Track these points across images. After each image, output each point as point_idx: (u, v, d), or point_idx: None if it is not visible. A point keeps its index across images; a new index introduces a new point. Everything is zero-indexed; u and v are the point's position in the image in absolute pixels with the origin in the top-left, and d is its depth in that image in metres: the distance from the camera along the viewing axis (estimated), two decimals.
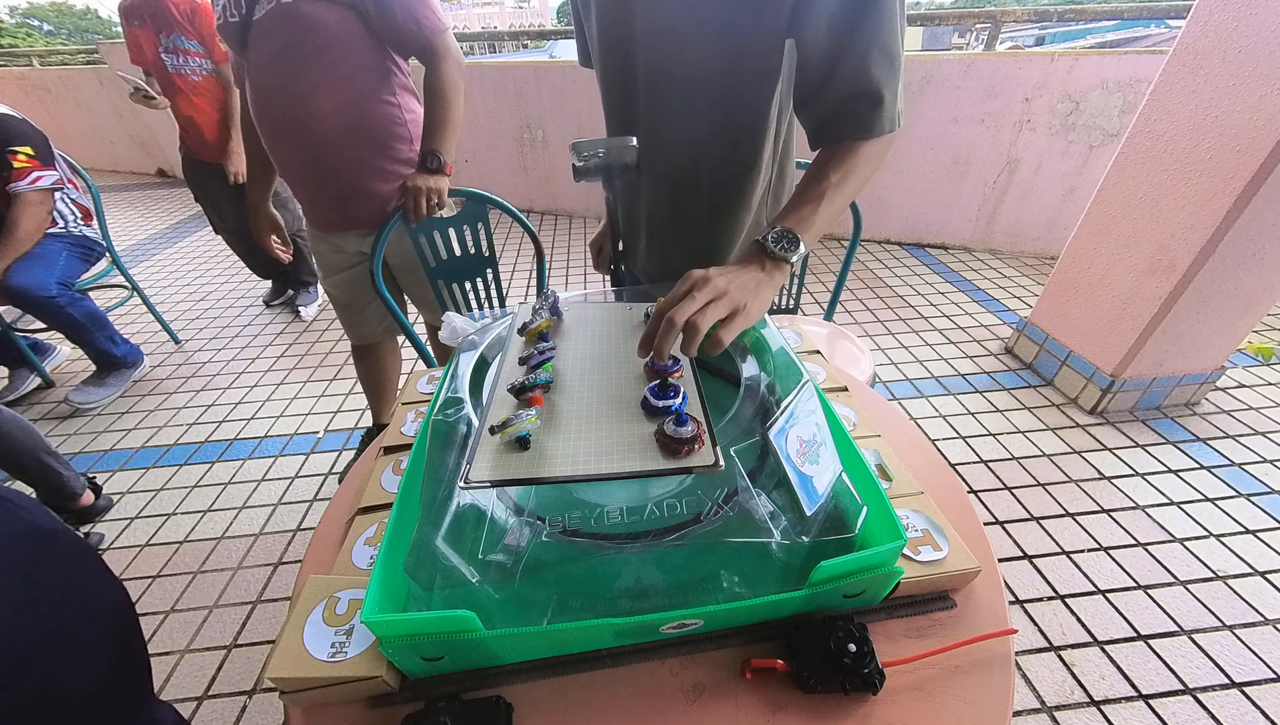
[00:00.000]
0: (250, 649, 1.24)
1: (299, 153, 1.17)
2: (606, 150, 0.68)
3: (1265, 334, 2.21)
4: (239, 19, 1.07)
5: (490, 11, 43.46)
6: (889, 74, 0.61)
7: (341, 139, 1.15)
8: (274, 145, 1.19)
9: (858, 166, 0.65)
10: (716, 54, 0.67)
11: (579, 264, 3.14)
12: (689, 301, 0.51)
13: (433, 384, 0.83)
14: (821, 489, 0.47)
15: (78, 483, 1.53)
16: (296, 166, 1.21)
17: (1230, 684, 1.10)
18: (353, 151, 1.17)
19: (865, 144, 0.65)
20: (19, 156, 1.69)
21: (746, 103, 0.71)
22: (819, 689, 0.45)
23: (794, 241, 0.60)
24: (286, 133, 1.15)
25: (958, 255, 3.01)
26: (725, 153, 0.75)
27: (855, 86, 0.62)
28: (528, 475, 0.44)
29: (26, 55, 5.36)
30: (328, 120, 1.13)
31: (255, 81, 1.12)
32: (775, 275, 0.59)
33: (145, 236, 3.78)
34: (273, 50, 1.07)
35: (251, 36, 1.08)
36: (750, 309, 0.54)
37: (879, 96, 0.62)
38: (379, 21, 1.09)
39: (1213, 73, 1.45)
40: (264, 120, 1.16)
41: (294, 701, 0.46)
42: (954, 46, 14.05)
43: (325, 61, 1.08)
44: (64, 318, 1.87)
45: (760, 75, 0.68)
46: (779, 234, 0.60)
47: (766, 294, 0.58)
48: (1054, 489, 1.55)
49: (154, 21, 2.00)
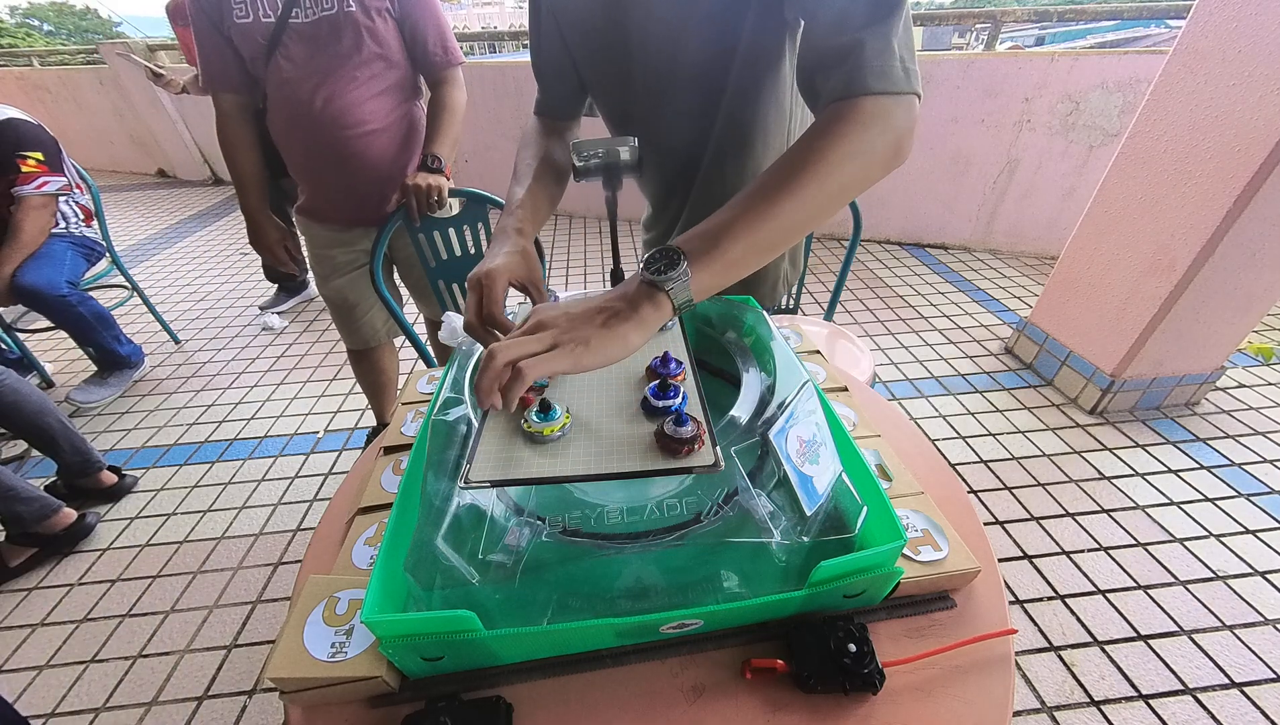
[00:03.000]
0: (250, 649, 1.24)
1: (336, 150, 1.22)
2: (606, 150, 0.68)
3: (1265, 334, 2.21)
4: (273, 19, 1.11)
5: (490, 11, 43.47)
6: (873, 13, 0.48)
7: (382, 139, 1.25)
8: (307, 144, 1.23)
9: (824, 158, 0.47)
10: (715, 53, 0.66)
11: (579, 264, 3.14)
12: (517, 344, 0.42)
13: (433, 384, 0.83)
14: (821, 489, 0.47)
15: (95, 454, 1.58)
16: (330, 164, 1.24)
17: (1230, 684, 1.10)
18: (391, 151, 1.27)
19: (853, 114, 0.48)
20: (28, 161, 1.71)
21: (747, 101, 0.70)
22: (819, 689, 0.45)
23: (673, 263, 0.45)
24: (326, 131, 1.20)
25: (958, 255, 3.01)
26: (726, 148, 0.74)
27: (831, 37, 0.50)
28: (527, 475, 0.44)
29: (26, 55, 5.35)
30: (372, 121, 1.22)
31: (288, 82, 1.16)
32: (642, 308, 0.45)
33: (145, 236, 3.78)
34: (314, 54, 1.13)
35: (286, 38, 1.12)
36: (573, 352, 0.43)
37: (857, 42, 0.48)
38: (411, 41, 1.22)
39: (1213, 73, 1.44)
40: (297, 119, 1.20)
41: (294, 701, 0.46)
42: (954, 46, 14.06)
43: (377, 69, 1.19)
44: (74, 316, 1.88)
45: (761, 72, 0.67)
46: (661, 252, 0.46)
47: (615, 336, 0.44)
48: (1054, 489, 1.55)
49: None
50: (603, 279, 2.93)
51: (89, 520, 1.51)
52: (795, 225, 0.48)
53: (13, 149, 1.69)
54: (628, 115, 0.78)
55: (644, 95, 0.73)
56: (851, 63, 0.48)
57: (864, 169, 0.49)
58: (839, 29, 0.49)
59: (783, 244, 0.49)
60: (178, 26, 2.05)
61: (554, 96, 0.83)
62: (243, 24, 1.11)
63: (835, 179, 0.48)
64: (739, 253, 0.47)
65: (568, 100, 0.83)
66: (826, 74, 0.51)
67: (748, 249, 0.47)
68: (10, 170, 1.69)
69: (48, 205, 1.79)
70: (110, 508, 1.62)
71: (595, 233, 3.53)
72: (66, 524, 1.45)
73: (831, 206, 0.49)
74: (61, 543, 1.46)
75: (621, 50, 0.71)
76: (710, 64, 0.67)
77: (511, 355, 0.41)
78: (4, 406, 1.42)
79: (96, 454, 1.58)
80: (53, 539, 1.44)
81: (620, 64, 0.72)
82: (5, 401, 1.41)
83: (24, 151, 1.70)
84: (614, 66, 0.74)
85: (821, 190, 0.48)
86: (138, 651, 1.25)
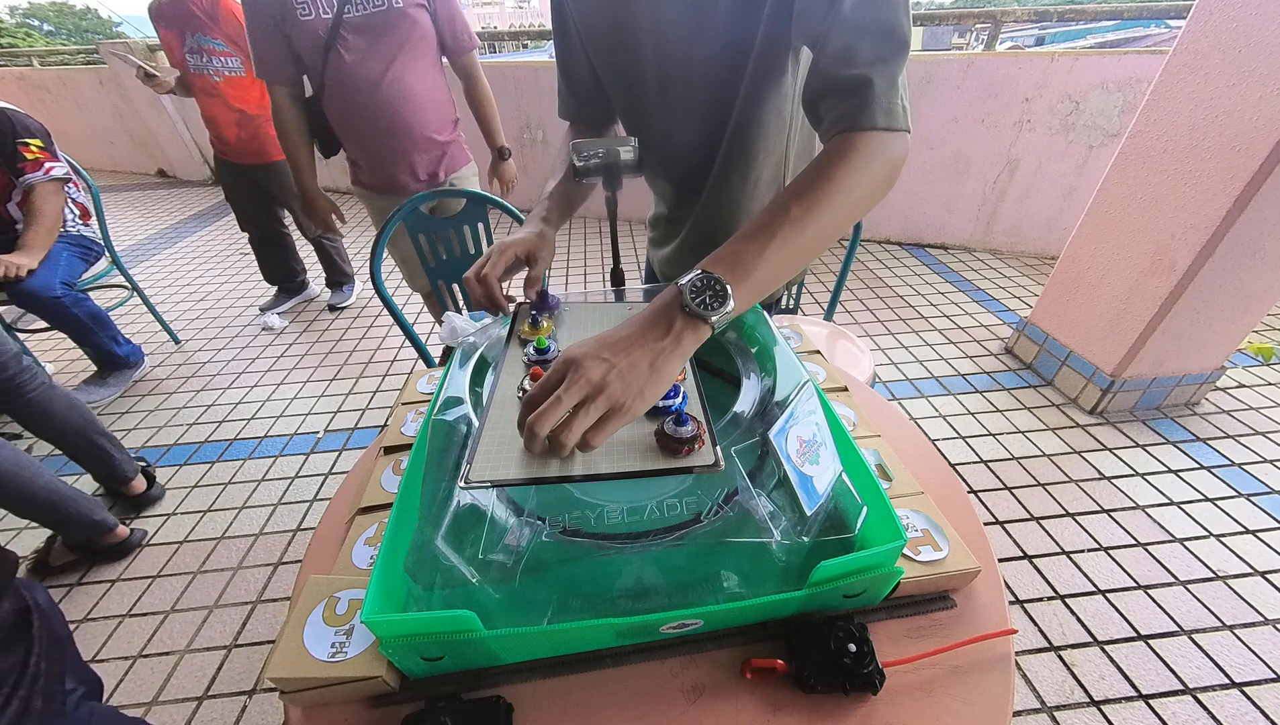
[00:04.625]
0: (250, 649, 1.24)
1: (399, 124, 1.44)
2: (606, 150, 0.68)
3: (1265, 334, 2.21)
4: (331, 15, 1.27)
5: (490, 11, 43.44)
6: (880, 52, 0.51)
7: (432, 111, 1.48)
8: (371, 121, 1.42)
9: (841, 181, 0.50)
10: (730, 58, 0.65)
11: (579, 264, 3.14)
12: (553, 407, 0.42)
13: (433, 384, 0.83)
14: (821, 489, 0.47)
15: (129, 466, 1.56)
16: (393, 136, 1.45)
17: (1230, 684, 1.10)
18: (437, 120, 1.51)
19: (860, 144, 0.52)
20: (30, 148, 1.69)
21: (757, 107, 0.69)
22: (819, 689, 0.45)
23: (720, 295, 0.46)
24: (390, 108, 1.41)
25: (958, 255, 3.01)
26: (734, 154, 0.74)
27: (840, 67, 0.52)
28: (528, 475, 0.44)
29: (26, 55, 5.35)
30: (422, 98, 1.45)
31: (350, 67, 1.33)
32: (685, 340, 0.45)
33: (145, 236, 3.78)
34: (372, 43, 1.33)
35: (344, 31, 1.30)
36: (632, 408, 0.43)
37: (865, 80, 0.51)
38: (442, 28, 1.44)
39: (1213, 73, 1.44)
40: (360, 100, 1.38)
41: (294, 701, 0.46)
42: (954, 46, 14.05)
43: (421, 50, 1.41)
44: (69, 317, 1.87)
45: (771, 79, 0.67)
46: (703, 280, 0.47)
47: (665, 376, 0.44)
48: (1054, 489, 1.55)
49: (177, 22, 2.02)
50: (602, 278, 2.92)
51: (134, 538, 1.50)
52: (811, 248, 0.52)
53: (13, 136, 1.67)
54: (642, 116, 0.78)
55: (657, 96, 0.73)
56: (860, 98, 0.52)
57: (869, 196, 0.53)
58: (847, 61, 0.52)
59: (798, 266, 0.52)
60: (160, 27, 2.04)
61: (583, 100, 0.84)
62: (305, 20, 1.27)
63: (847, 203, 0.51)
64: (768, 275, 0.49)
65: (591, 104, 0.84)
66: (833, 102, 0.54)
67: (775, 271, 0.50)
68: (15, 158, 1.68)
69: (59, 192, 1.78)
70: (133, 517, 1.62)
71: (595, 232, 3.53)
72: (117, 541, 1.46)
73: (840, 230, 0.53)
74: (106, 556, 1.46)
75: (633, 50, 0.71)
76: (725, 68, 0.67)
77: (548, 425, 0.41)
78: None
79: (125, 468, 1.54)
80: (100, 551, 1.45)
81: (633, 65, 0.72)
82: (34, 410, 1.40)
83: (23, 139, 1.68)
84: (626, 66, 0.73)
85: (836, 215, 0.51)
86: (137, 651, 1.25)
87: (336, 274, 2.73)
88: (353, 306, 2.73)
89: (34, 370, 1.40)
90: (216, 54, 2.06)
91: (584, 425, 0.42)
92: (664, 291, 0.48)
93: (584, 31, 0.75)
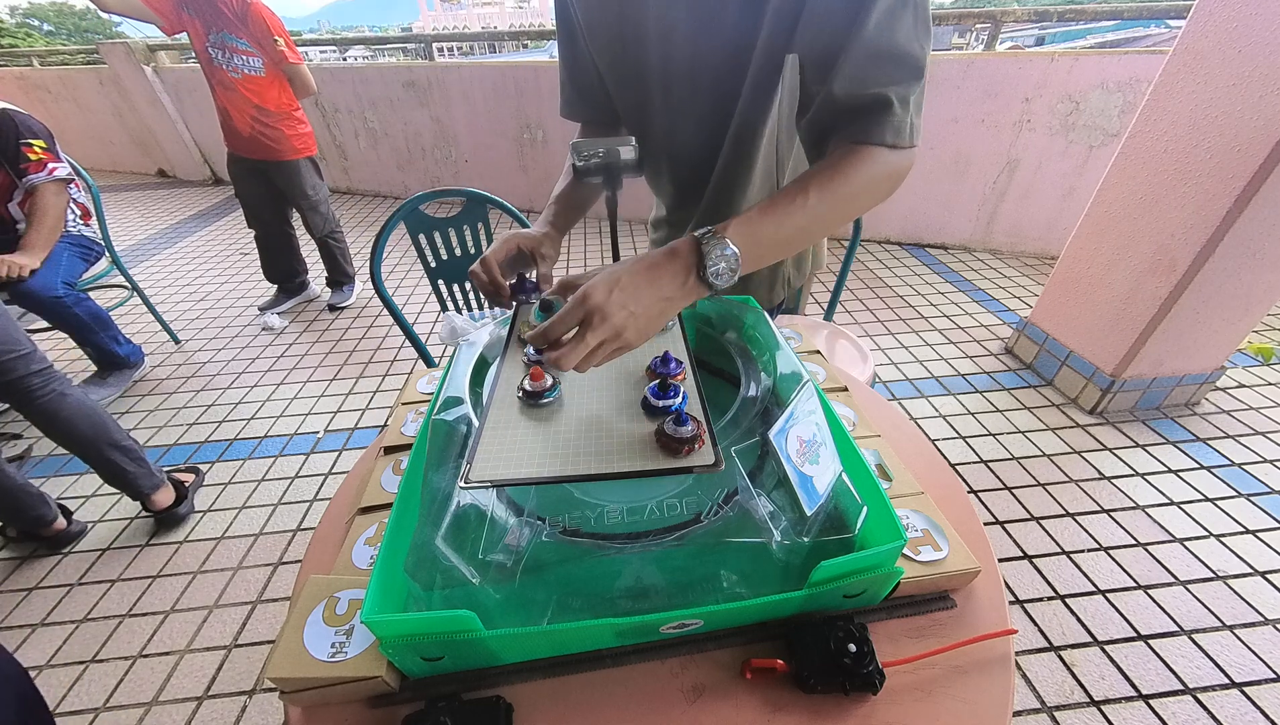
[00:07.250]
0: (250, 649, 1.24)
1: None
2: (606, 150, 0.68)
3: (1265, 334, 2.21)
4: None
5: (490, 11, 43.36)
6: (897, 75, 0.53)
7: None
8: None
9: (852, 180, 0.54)
10: (730, 57, 0.65)
11: (579, 264, 3.14)
12: (579, 348, 0.46)
13: (433, 384, 0.83)
14: (821, 489, 0.47)
15: (147, 481, 1.49)
16: None
17: (1230, 684, 1.10)
18: None
19: (868, 154, 0.54)
20: (34, 149, 1.70)
21: (757, 109, 0.69)
22: (819, 689, 0.45)
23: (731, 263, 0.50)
24: None
25: (958, 255, 3.01)
26: (735, 154, 0.74)
27: (857, 87, 0.54)
28: (528, 475, 0.44)
29: (26, 55, 5.35)
30: None
31: None
32: (690, 290, 0.51)
33: (145, 236, 3.78)
34: None
35: None
36: (634, 345, 0.50)
37: (885, 99, 0.53)
38: None
39: (1213, 73, 1.44)
40: None
41: (294, 701, 0.46)
42: (954, 46, 14.04)
43: None
44: (69, 317, 1.87)
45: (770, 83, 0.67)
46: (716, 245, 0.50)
47: (665, 321, 0.52)
48: (1054, 489, 1.55)
49: (203, 14, 2.04)
50: None
51: (73, 529, 1.51)
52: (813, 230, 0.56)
53: (16, 137, 1.68)
54: (645, 116, 0.78)
55: (661, 95, 0.73)
56: (875, 116, 0.54)
57: (870, 198, 0.57)
58: (865, 82, 0.54)
59: (800, 244, 0.57)
60: (184, 12, 2.06)
61: (586, 99, 0.84)
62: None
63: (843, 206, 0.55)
64: (756, 252, 0.52)
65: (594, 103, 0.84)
66: (846, 119, 0.56)
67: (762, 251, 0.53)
68: (19, 158, 1.68)
69: (62, 192, 1.78)
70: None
71: (595, 232, 3.53)
72: (53, 534, 1.47)
73: (842, 217, 0.57)
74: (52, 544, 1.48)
75: (640, 48, 0.71)
76: (730, 68, 0.67)
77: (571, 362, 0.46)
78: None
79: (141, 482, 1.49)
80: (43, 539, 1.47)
81: (638, 63, 0.72)
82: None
83: (26, 139, 1.69)
84: (631, 64, 0.73)
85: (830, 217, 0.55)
86: (138, 651, 1.25)
87: (338, 274, 2.73)
88: (353, 306, 2.73)
89: (48, 375, 1.37)
90: (239, 52, 2.09)
91: (595, 361, 0.48)
92: (678, 243, 0.52)
93: (589, 30, 0.75)
